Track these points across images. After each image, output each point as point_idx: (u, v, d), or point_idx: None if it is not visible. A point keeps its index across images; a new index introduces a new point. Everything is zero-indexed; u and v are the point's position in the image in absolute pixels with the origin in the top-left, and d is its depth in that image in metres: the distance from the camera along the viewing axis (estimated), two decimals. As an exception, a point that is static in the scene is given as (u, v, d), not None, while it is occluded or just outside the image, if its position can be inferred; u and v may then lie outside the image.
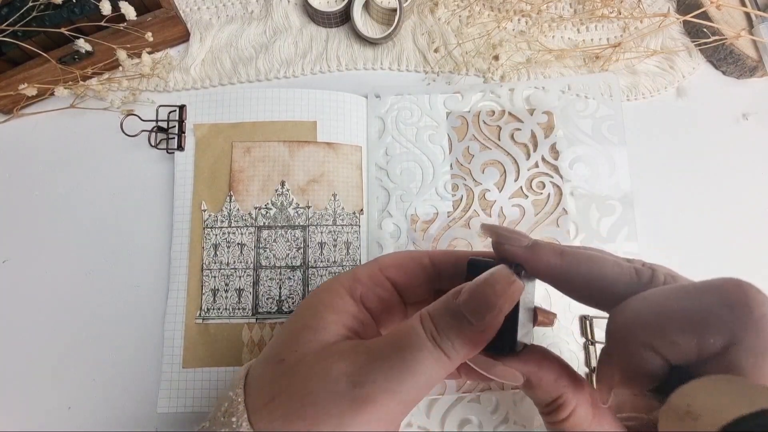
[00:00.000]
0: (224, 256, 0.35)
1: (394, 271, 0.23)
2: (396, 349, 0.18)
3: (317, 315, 0.20)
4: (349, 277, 0.22)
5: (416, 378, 0.17)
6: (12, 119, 0.39)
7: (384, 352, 0.18)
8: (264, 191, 0.36)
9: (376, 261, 0.23)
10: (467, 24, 0.42)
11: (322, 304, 0.21)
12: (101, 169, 0.38)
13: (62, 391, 0.34)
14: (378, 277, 0.22)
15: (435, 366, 0.18)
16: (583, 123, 0.38)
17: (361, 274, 0.22)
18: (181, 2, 0.42)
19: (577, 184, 0.37)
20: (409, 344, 0.18)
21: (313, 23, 0.42)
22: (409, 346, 0.18)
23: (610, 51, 0.41)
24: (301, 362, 0.19)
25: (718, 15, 0.40)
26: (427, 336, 0.18)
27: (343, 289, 0.22)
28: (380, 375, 0.17)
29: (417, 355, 0.17)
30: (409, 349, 0.18)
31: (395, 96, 0.39)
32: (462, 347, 0.18)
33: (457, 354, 0.18)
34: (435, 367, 0.18)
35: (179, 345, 0.34)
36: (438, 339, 0.18)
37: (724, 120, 0.41)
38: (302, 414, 0.17)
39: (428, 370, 0.18)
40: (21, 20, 0.35)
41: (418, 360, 0.17)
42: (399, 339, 0.18)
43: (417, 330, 0.18)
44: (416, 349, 0.18)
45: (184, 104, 0.37)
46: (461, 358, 0.18)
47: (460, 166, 0.38)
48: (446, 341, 0.18)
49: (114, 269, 0.36)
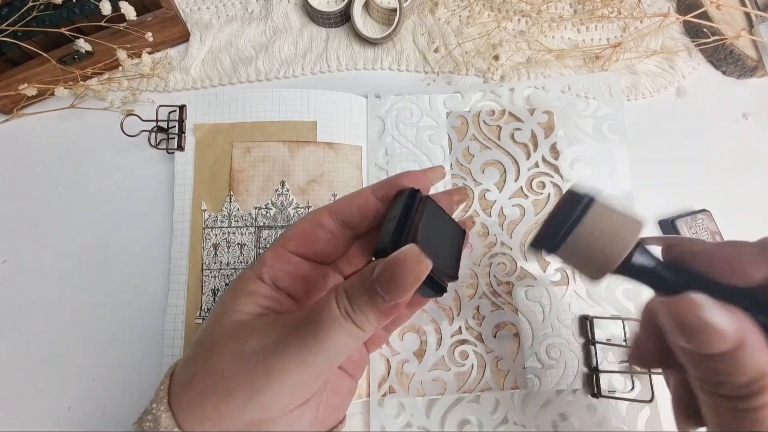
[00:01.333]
0: (224, 256, 0.35)
1: (295, 243, 0.23)
2: (309, 323, 0.19)
3: (232, 301, 0.21)
4: (258, 263, 0.23)
5: (328, 350, 0.19)
6: (12, 119, 0.39)
7: (297, 326, 0.19)
8: (264, 191, 0.36)
9: (280, 237, 0.23)
10: (467, 24, 0.42)
11: (235, 291, 0.22)
12: (101, 169, 0.38)
13: (62, 391, 0.34)
14: (282, 255, 0.22)
15: (347, 338, 0.19)
16: (583, 123, 0.38)
17: (266, 256, 0.22)
18: (181, 2, 0.42)
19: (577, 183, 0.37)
20: (321, 319, 0.19)
21: (313, 23, 0.42)
22: (321, 321, 0.18)
23: (610, 51, 0.41)
24: (216, 342, 0.20)
25: (718, 15, 0.40)
26: (340, 312, 0.19)
27: (251, 273, 0.22)
28: (292, 347, 0.18)
29: (330, 330, 0.18)
30: (322, 323, 0.18)
31: (395, 96, 0.39)
32: (375, 319, 0.19)
33: (371, 325, 0.19)
34: (347, 339, 0.19)
35: (179, 345, 0.34)
36: (352, 314, 0.19)
37: (724, 120, 0.41)
38: (216, 388, 0.19)
39: (340, 343, 0.19)
40: (21, 20, 0.35)
41: (330, 334, 0.18)
42: (313, 314, 0.19)
43: (331, 306, 0.19)
44: (328, 324, 0.18)
45: (184, 104, 0.37)
46: (375, 329, 0.19)
47: (460, 166, 0.38)
48: (360, 315, 0.19)
49: (114, 269, 0.36)
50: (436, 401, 0.33)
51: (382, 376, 0.34)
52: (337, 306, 0.19)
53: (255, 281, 0.22)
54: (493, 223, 0.36)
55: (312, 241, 0.23)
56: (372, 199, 0.23)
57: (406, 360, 0.34)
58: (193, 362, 0.20)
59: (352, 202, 0.23)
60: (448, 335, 0.34)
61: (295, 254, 0.23)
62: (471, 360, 0.34)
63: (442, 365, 0.34)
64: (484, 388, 0.34)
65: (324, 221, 0.23)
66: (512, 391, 0.33)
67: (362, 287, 0.19)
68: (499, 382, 0.34)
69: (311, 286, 0.23)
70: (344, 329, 0.18)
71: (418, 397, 0.33)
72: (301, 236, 0.23)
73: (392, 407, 0.33)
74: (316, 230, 0.23)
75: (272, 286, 0.22)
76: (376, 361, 0.34)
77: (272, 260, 0.22)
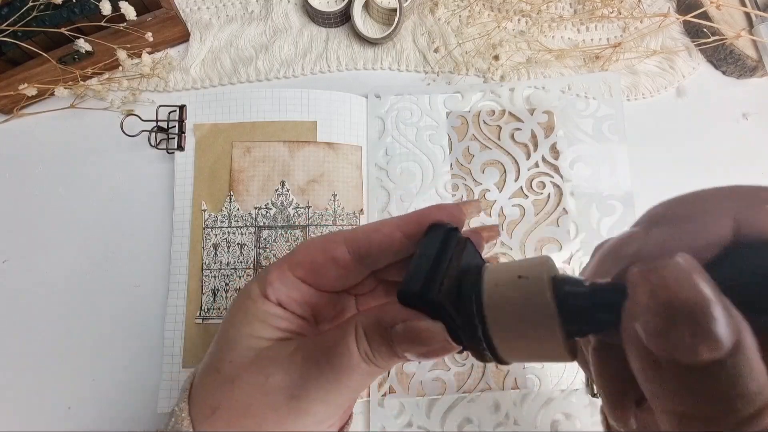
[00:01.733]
0: (224, 256, 0.35)
1: (303, 272, 0.21)
2: (329, 364, 0.19)
3: (244, 322, 0.21)
4: (262, 279, 0.21)
5: (349, 388, 0.19)
6: (12, 119, 0.39)
7: (318, 365, 0.19)
8: (264, 191, 0.36)
9: (287, 258, 0.21)
10: (467, 24, 0.42)
11: (246, 312, 0.21)
12: (101, 170, 0.38)
13: (62, 391, 0.34)
14: (288, 279, 0.21)
15: (368, 377, 0.19)
16: (583, 123, 0.38)
17: (272, 276, 0.21)
18: (181, 2, 0.42)
19: (577, 183, 0.37)
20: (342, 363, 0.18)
21: (313, 23, 0.42)
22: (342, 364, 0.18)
23: (610, 51, 0.41)
24: (237, 373, 0.20)
25: (718, 15, 0.40)
26: (361, 356, 0.18)
27: (257, 290, 0.21)
28: (315, 388, 0.19)
29: (351, 373, 0.18)
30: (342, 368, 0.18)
31: (395, 96, 0.39)
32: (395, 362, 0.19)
33: (388, 365, 0.19)
34: (368, 377, 0.19)
35: (179, 345, 0.34)
36: (372, 358, 0.18)
37: (724, 120, 0.41)
38: (243, 423, 0.19)
39: (361, 382, 0.19)
40: (21, 20, 0.35)
41: (352, 376, 0.18)
42: (333, 354, 0.19)
43: (351, 349, 0.18)
44: (350, 367, 0.18)
45: (184, 104, 0.37)
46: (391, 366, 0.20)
47: (460, 166, 0.38)
48: (380, 359, 0.18)
49: (114, 269, 0.36)
50: (436, 401, 0.33)
51: (382, 376, 0.34)
52: (357, 348, 0.18)
53: (264, 302, 0.21)
54: (493, 222, 0.36)
55: (322, 274, 0.21)
56: (398, 235, 0.20)
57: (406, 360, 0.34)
58: (213, 391, 0.20)
59: (372, 238, 0.20)
60: (448, 335, 0.34)
61: (302, 282, 0.21)
62: (471, 360, 0.34)
63: (442, 365, 0.34)
64: (484, 388, 0.34)
65: (338, 254, 0.21)
66: (512, 391, 0.33)
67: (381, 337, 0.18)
68: (499, 382, 0.34)
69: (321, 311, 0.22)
70: (365, 370, 0.18)
71: (418, 397, 0.33)
72: (311, 266, 0.21)
73: (392, 407, 0.33)
74: (328, 263, 0.21)
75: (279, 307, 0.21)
76: (376, 361, 0.34)
77: (278, 282, 0.21)
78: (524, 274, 0.15)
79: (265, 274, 0.21)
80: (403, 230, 0.20)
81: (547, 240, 0.36)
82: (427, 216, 0.20)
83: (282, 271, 0.21)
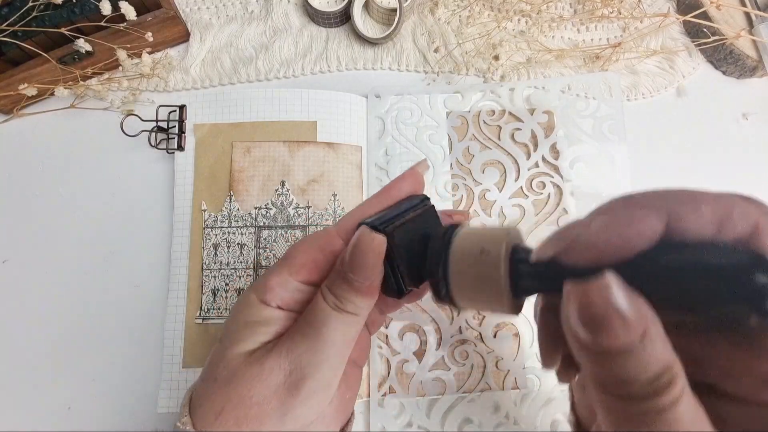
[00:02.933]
0: (224, 256, 0.35)
1: (307, 272, 0.22)
2: (309, 327, 0.20)
3: (238, 330, 0.21)
4: (262, 287, 0.21)
5: (334, 343, 0.20)
6: (12, 119, 0.39)
7: (301, 332, 0.20)
8: (264, 191, 0.36)
9: (286, 263, 0.22)
10: (467, 24, 0.42)
11: (240, 319, 0.22)
12: (101, 169, 0.38)
13: (62, 391, 0.34)
14: (290, 284, 0.21)
15: (346, 327, 0.20)
16: (583, 122, 0.38)
17: (272, 283, 0.21)
18: (181, 2, 0.42)
19: (577, 183, 0.37)
20: (317, 319, 0.20)
21: (313, 23, 0.42)
22: (318, 320, 0.20)
23: (610, 51, 0.41)
24: (233, 375, 0.20)
25: (718, 15, 0.40)
26: (330, 306, 0.20)
27: (256, 299, 0.21)
28: (303, 353, 0.20)
29: (328, 325, 0.20)
30: (320, 323, 0.20)
31: (395, 96, 0.39)
32: (362, 301, 0.20)
33: (360, 308, 0.20)
34: (346, 327, 0.20)
35: (179, 345, 0.34)
36: (340, 304, 0.20)
37: (724, 120, 0.41)
38: (250, 414, 0.19)
39: (342, 332, 0.20)
40: (21, 20, 0.35)
41: (330, 328, 0.20)
42: (309, 318, 0.20)
43: (321, 305, 0.20)
44: (325, 320, 0.20)
45: (184, 104, 0.37)
46: (367, 310, 0.21)
47: (460, 166, 0.38)
48: (347, 302, 0.20)
49: (114, 269, 0.36)
50: (436, 401, 0.33)
51: (382, 376, 0.34)
52: (325, 301, 0.20)
53: (262, 308, 0.21)
54: (493, 223, 0.36)
55: (325, 271, 0.22)
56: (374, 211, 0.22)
57: (406, 360, 0.34)
58: (213, 398, 0.20)
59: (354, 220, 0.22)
60: (448, 335, 0.34)
61: (305, 283, 0.22)
62: (471, 360, 0.34)
63: (442, 365, 0.34)
64: (484, 388, 0.34)
65: (337, 248, 0.22)
66: (512, 391, 0.33)
67: (339, 277, 0.20)
68: (499, 382, 0.34)
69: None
70: (339, 319, 0.20)
71: (418, 397, 0.33)
72: (313, 266, 0.22)
73: (392, 407, 0.33)
74: (329, 258, 0.22)
75: (279, 311, 0.22)
76: (376, 361, 0.34)
77: (279, 288, 0.21)
78: (486, 247, 0.18)
79: (264, 281, 0.22)
80: (384, 205, 0.22)
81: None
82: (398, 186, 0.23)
83: (283, 277, 0.21)
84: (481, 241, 0.18)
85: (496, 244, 0.18)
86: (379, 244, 0.20)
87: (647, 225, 0.15)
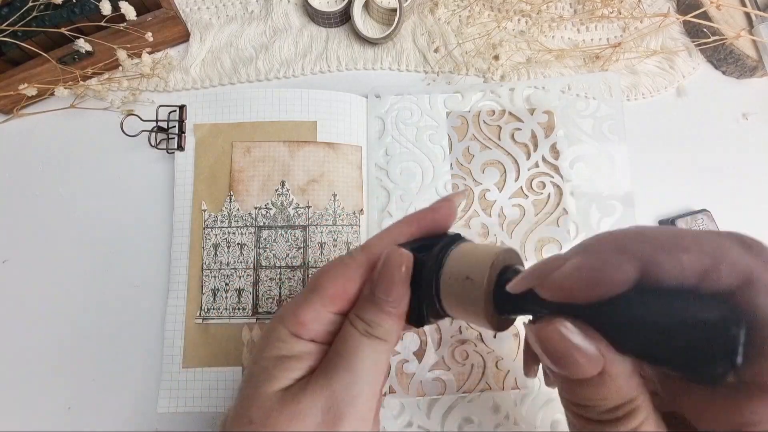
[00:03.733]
0: (224, 256, 0.35)
1: (340, 303, 0.21)
2: (341, 358, 0.20)
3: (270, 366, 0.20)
4: (293, 320, 0.21)
5: (367, 373, 0.20)
6: (12, 119, 0.39)
7: (333, 365, 0.20)
8: (264, 191, 0.36)
9: (318, 294, 0.21)
10: (467, 24, 0.42)
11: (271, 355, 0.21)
12: (101, 169, 0.38)
13: (62, 391, 0.34)
14: (323, 316, 0.21)
15: (377, 355, 0.20)
16: (583, 122, 0.38)
17: (304, 317, 0.21)
18: (181, 2, 0.42)
19: (577, 183, 0.37)
20: (348, 349, 0.20)
21: (313, 23, 0.42)
22: (349, 350, 0.20)
23: (610, 51, 0.41)
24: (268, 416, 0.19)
25: (718, 15, 0.40)
26: (361, 333, 0.20)
27: (288, 333, 0.21)
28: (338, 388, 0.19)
29: (358, 354, 0.20)
30: (351, 353, 0.20)
31: (395, 96, 0.39)
32: (390, 324, 0.20)
33: (390, 333, 0.20)
34: (377, 355, 0.20)
35: (179, 345, 0.34)
36: (370, 329, 0.20)
37: (724, 120, 0.41)
38: None
39: (373, 360, 0.20)
40: (21, 20, 0.35)
41: (361, 357, 0.20)
42: (340, 349, 0.20)
43: (350, 332, 0.20)
44: (356, 350, 0.20)
45: (184, 104, 0.37)
46: (396, 336, 0.20)
47: (460, 166, 0.38)
48: (377, 326, 0.20)
49: (114, 269, 0.36)
50: (436, 401, 0.33)
51: (382, 376, 0.34)
52: (356, 328, 0.20)
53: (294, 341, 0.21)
54: (493, 223, 0.36)
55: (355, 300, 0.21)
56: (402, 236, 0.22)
57: (406, 360, 0.34)
58: None
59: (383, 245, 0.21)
60: (448, 335, 0.34)
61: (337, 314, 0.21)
62: (471, 360, 0.34)
63: (442, 365, 0.34)
64: (484, 388, 0.34)
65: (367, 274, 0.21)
66: (512, 391, 0.33)
67: (367, 301, 0.20)
68: (499, 382, 0.34)
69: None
70: (370, 347, 0.20)
71: (418, 397, 0.33)
72: (344, 297, 0.21)
73: (392, 407, 0.33)
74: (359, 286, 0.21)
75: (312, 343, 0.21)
76: (376, 361, 0.34)
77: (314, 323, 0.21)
78: (471, 275, 0.19)
79: (293, 312, 0.21)
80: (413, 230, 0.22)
81: (547, 240, 0.36)
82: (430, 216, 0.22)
83: (315, 309, 0.21)
84: (468, 267, 0.19)
85: (481, 272, 0.19)
86: (407, 258, 0.20)
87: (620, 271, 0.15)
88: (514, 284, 0.18)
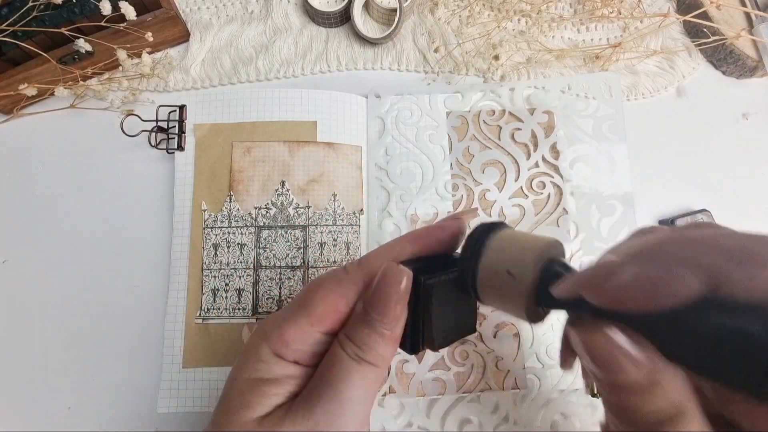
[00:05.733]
0: (224, 256, 0.35)
1: (329, 322, 0.19)
2: (327, 386, 0.18)
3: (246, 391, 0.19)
4: (276, 338, 0.19)
5: (356, 403, 0.18)
6: (12, 119, 0.39)
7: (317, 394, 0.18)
8: (264, 191, 0.36)
9: (305, 312, 0.19)
10: (467, 24, 0.42)
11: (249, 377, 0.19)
12: (101, 169, 0.38)
13: (62, 391, 0.34)
14: (309, 336, 0.19)
15: (367, 383, 0.18)
16: (583, 122, 0.38)
17: (288, 335, 0.19)
18: (181, 2, 0.42)
19: (577, 183, 0.37)
20: (335, 375, 0.18)
21: (313, 23, 0.42)
22: (336, 376, 0.18)
23: (610, 51, 0.41)
24: None
25: (718, 15, 0.40)
26: (351, 357, 0.18)
27: (269, 352, 0.19)
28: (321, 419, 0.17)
29: (347, 382, 0.18)
30: (338, 380, 0.18)
31: (395, 96, 0.39)
32: (384, 348, 0.18)
33: (382, 358, 0.18)
34: (368, 384, 0.18)
35: (179, 345, 0.34)
36: (361, 353, 0.18)
37: (724, 120, 0.41)
38: None
39: (363, 389, 0.18)
40: (21, 20, 0.35)
41: (350, 385, 0.18)
42: (326, 375, 0.18)
43: (339, 356, 0.18)
44: (344, 376, 0.18)
45: (184, 104, 0.37)
46: (388, 361, 0.19)
47: (460, 166, 0.38)
48: (369, 350, 0.18)
49: (114, 269, 0.36)
50: (436, 401, 0.33)
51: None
52: (344, 352, 0.18)
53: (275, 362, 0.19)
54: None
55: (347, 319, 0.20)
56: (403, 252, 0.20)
57: (406, 360, 0.34)
58: None
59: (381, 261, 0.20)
60: (448, 335, 0.34)
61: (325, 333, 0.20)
62: (471, 360, 0.34)
63: (442, 365, 0.34)
64: (484, 388, 0.34)
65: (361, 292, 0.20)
66: (512, 391, 0.33)
67: (359, 321, 0.18)
68: (499, 382, 0.34)
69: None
70: (360, 373, 0.18)
71: (418, 397, 0.33)
72: (334, 316, 0.19)
73: (392, 407, 0.33)
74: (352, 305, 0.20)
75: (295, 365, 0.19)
76: (376, 361, 0.34)
77: (297, 342, 0.19)
78: (512, 271, 0.18)
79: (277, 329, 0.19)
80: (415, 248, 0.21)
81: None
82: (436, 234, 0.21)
83: (301, 328, 0.19)
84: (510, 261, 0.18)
85: (524, 269, 0.18)
86: (407, 278, 0.18)
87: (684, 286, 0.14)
88: (562, 289, 0.17)
